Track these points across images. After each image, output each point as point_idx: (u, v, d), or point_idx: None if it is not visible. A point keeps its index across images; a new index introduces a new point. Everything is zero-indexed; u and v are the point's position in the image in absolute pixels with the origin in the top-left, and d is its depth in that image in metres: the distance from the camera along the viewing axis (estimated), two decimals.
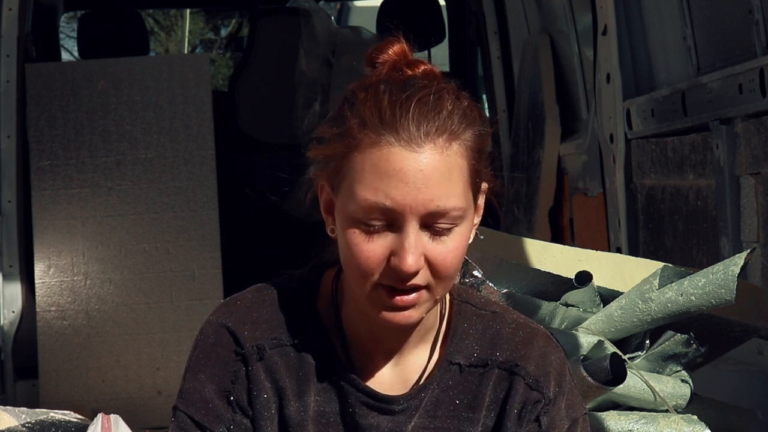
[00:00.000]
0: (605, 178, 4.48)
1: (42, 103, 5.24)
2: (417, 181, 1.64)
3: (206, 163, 5.30)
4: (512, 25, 5.75)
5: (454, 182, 1.67)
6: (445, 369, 1.79)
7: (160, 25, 17.94)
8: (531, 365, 1.78)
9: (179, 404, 1.79)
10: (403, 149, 1.65)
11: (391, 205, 1.65)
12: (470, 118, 1.71)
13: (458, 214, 1.67)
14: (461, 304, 1.83)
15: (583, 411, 1.83)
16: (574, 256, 2.73)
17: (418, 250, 1.66)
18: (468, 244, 1.73)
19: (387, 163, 1.65)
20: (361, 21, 7.92)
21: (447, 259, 1.68)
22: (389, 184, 1.65)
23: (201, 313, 5.22)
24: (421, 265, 1.66)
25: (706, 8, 3.76)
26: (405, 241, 1.65)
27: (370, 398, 1.76)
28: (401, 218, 1.65)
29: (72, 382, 5.15)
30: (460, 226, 1.69)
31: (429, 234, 1.67)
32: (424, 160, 1.65)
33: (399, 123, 1.66)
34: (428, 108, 1.67)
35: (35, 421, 2.52)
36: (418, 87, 1.70)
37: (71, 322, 5.19)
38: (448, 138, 1.67)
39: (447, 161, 1.66)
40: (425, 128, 1.66)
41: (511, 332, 1.81)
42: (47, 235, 5.21)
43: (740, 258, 2.47)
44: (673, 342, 2.53)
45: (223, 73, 15.88)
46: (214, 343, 1.78)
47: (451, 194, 1.66)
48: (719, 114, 3.48)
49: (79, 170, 5.24)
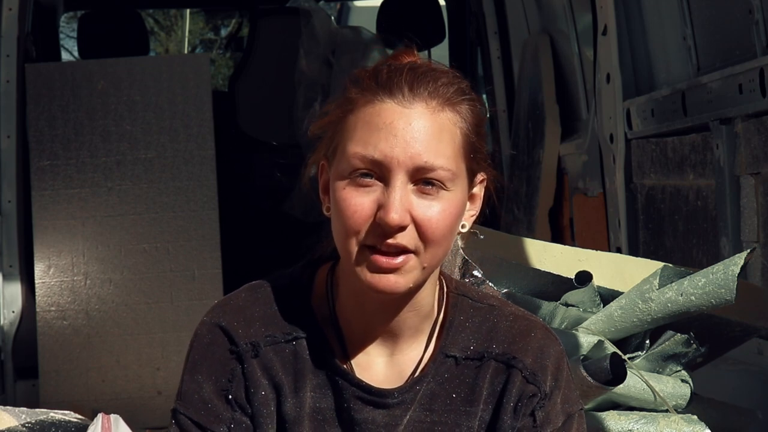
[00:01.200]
0: (605, 178, 4.48)
1: (42, 103, 5.24)
2: (406, 135, 1.69)
3: (206, 163, 5.30)
4: (512, 25, 5.75)
5: (444, 144, 1.70)
6: (440, 362, 1.79)
7: (160, 25, 17.94)
8: (528, 358, 1.78)
9: (179, 407, 1.79)
10: (394, 105, 1.70)
11: (379, 157, 1.68)
12: (468, 96, 1.75)
13: (446, 175, 1.69)
14: (458, 296, 1.83)
15: (579, 406, 1.83)
16: (574, 256, 2.73)
17: (404, 206, 1.68)
18: (457, 222, 1.74)
19: (378, 118, 1.70)
20: (361, 21, 7.92)
21: (432, 220, 1.69)
22: (378, 137, 1.69)
23: (201, 313, 5.17)
24: (406, 220, 1.68)
25: (706, 8, 3.76)
26: (391, 195, 1.68)
27: (364, 392, 1.77)
28: (388, 172, 1.68)
29: (72, 382, 5.15)
30: (450, 192, 1.71)
31: (417, 192, 1.69)
32: (415, 116, 1.70)
33: (393, 83, 1.72)
34: (422, 74, 1.73)
35: (35, 421, 2.51)
36: (416, 63, 1.78)
37: (71, 322, 5.19)
38: (441, 102, 1.72)
39: (438, 122, 1.71)
40: (417, 90, 1.71)
41: (508, 325, 1.81)
42: (47, 235, 5.21)
43: (740, 258, 2.47)
44: (673, 342, 2.53)
45: (223, 73, 15.88)
46: (209, 343, 1.79)
47: (439, 153, 1.69)
48: (719, 114, 3.48)
49: (79, 170, 5.24)
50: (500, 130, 5.83)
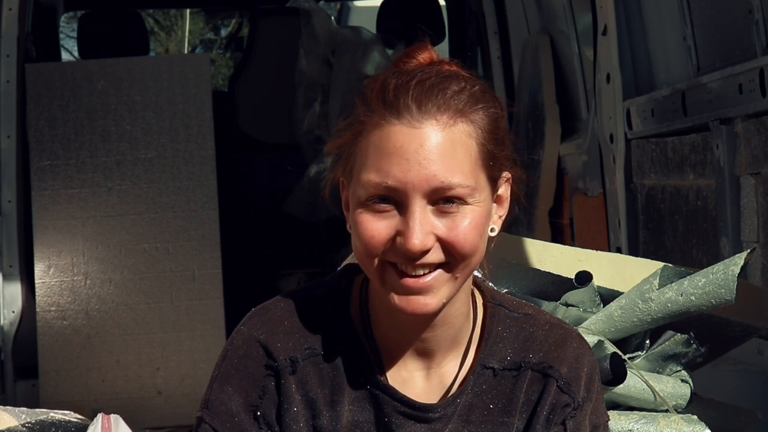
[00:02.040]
0: (605, 178, 4.48)
1: (42, 103, 5.24)
2: (418, 157, 1.64)
3: (206, 163, 5.30)
4: (512, 25, 5.75)
5: (459, 159, 1.65)
6: (479, 374, 1.77)
7: (160, 25, 17.95)
8: (564, 367, 1.77)
9: (204, 416, 1.75)
10: (403, 127, 1.65)
11: (393, 184, 1.64)
12: (483, 101, 1.70)
13: (465, 191, 1.65)
14: (495, 307, 1.81)
15: (606, 418, 1.83)
16: (574, 256, 2.72)
17: (425, 229, 1.64)
18: (485, 230, 1.71)
19: (387, 142, 1.65)
20: (361, 21, 7.92)
21: (459, 236, 1.66)
22: (390, 163, 1.64)
23: (201, 313, 5.23)
24: (428, 244, 1.65)
25: (706, 8, 3.76)
26: (410, 220, 1.64)
27: (407, 407, 1.74)
28: (405, 197, 1.64)
29: (72, 382, 5.15)
30: (472, 206, 1.67)
31: (437, 213, 1.66)
32: (425, 136, 1.64)
33: (400, 103, 1.66)
34: (430, 87, 1.67)
35: (35, 421, 2.51)
36: (425, 71, 1.70)
37: (71, 322, 5.19)
38: (452, 116, 1.66)
39: (450, 138, 1.65)
40: (426, 106, 1.65)
41: (544, 334, 1.79)
42: (47, 235, 5.21)
43: (740, 258, 2.47)
44: (673, 342, 2.53)
45: (223, 73, 15.88)
46: (244, 356, 1.75)
47: (455, 170, 1.65)
48: (719, 114, 3.48)
49: (79, 170, 5.24)
50: None
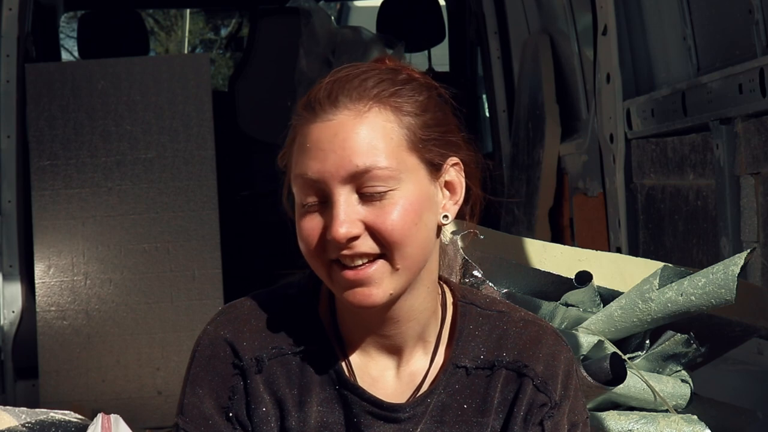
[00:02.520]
0: (605, 178, 4.48)
1: (42, 103, 5.24)
2: (333, 146, 1.66)
3: (206, 163, 5.30)
4: (512, 25, 5.75)
5: (377, 142, 1.66)
6: (451, 373, 1.75)
7: (160, 25, 17.95)
8: (540, 366, 1.75)
9: (180, 421, 1.75)
10: (319, 122, 1.68)
11: (313, 175, 1.66)
12: (408, 89, 1.71)
13: (385, 173, 1.65)
14: (466, 305, 1.79)
15: (585, 415, 1.80)
16: (574, 256, 2.72)
17: (349, 217, 1.65)
18: (422, 216, 1.68)
19: (306, 139, 1.68)
20: (361, 21, 7.92)
21: (386, 222, 1.65)
22: (308, 157, 1.67)
23: (201, 313, 5.23)
24: (354, 231, 1.65)
25: (706, 8, 3.76)
26: (333, 209, 1.65)
27: (375, 407, 1.73)
28: (328, 188, 1.66)
29: (72, 382, 5.15)
30: (400, 190, 1.66)
31: (364, 201, 1.66)
32: (339, 125, 1.67)
33: (315, 101, 1.69)
34: (344, 81, 1.69)
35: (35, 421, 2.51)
36: (347, 67, 1.73)
37: (71, 322, 5.19)
38: (367, 103, 1.67)
39: (366, 124, 1.67)
40: (338, 99, 1.68)
41: (518, 332, 1.77)
42: (47, 235, 5.21)
43: (740, 258, 2.47)
44: (673, 342, 2.53)
45: (223, 73, 15.89)
46: (211, 356, 1.75)
47: (371, 153, 1.65)
48: (719, 114, 3.48)
49: (79, 170, 5.24)
50: (500, 130, 5.83)
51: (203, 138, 5.31)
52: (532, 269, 2.67)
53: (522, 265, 2.67)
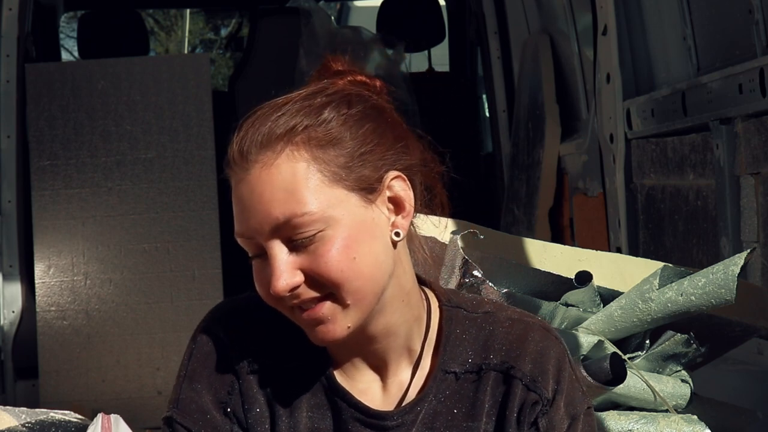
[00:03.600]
0: (605, 178, 4.48)
1: (42, 103, 5.24)
2: (252, 202, 1.62)
3: (206, 163, 5.30)
4: (512, 25, 5.75)
5: (293, 188, 1.61)
6: (440, 379, 1.73)
7: (160, 25, 17.95)
8: (527, 364, 1.72)
9: (175, 415, 1.73)
10: (237, 181, 1.66)
11: (243, 231, 1.65)
12: (328, 110, 1.65)
13: (308, 219, 1.61)
14: (452, 309, 1.76)
15: (585, 405, 1.76)
16: (574, 256, 2.72)
17: (285, 270, 1.62)
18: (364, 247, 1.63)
19: (233, 194, 1.66)
20: (361, 21, 7.92)
21: (321, 265, 1.61)
22: (237, 213, 1.66)
23: (201, 313, 5.18)
24: (293, 281, 1.62)
25: (706, 8, 3.76)
26: (270, 265, 1.63)
27: (362, 414, 1.71)
28: (259, 242, 1.64)
29: (72, 382, 5.15)
30: (330, 228, 1.61)
31: (295, 248, 1.63)
32: (254, 180, 1.63)
33: (231, 158, 1.67)
34: (251, 127, 1.67)
35: (35, 421, 2.51)
36: (256, 111, 1.71)
37: (71, 322, 5.19)
38: (276, 148, 1.63)
39: (277, 173, 1.62)
40: (248, 151, 1.64)
41: (504, 332, 1.74)
42: (47, 235, 5.21)
43: (740, 258, 2.47)
44: (673, 342, 2.53)
45: (223, 73, 15.89)
46: (209, 352, 1.74)
47: (289, 202, 1.61)
48: (719, 114, 3.48)
49: (79, 170, 5.24)
50: (500, 130, 5.83)
51: (203, 138, 5.31)
52: (532, 269, 2.67)
53: (522, 265, 2.67)
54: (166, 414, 1.75)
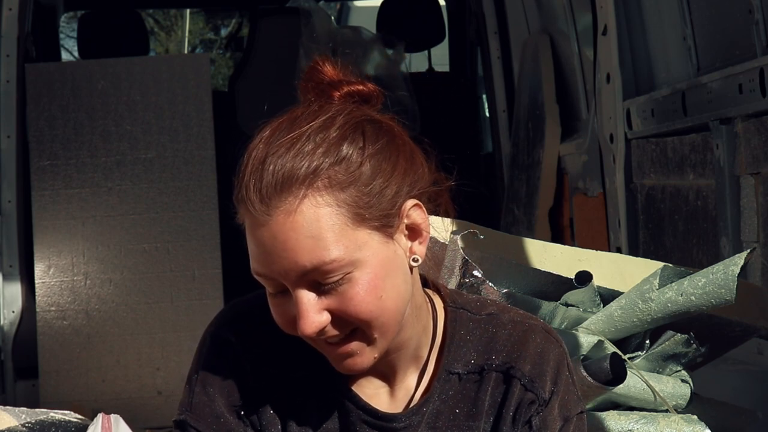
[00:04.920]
0: (605, 178, 4.48)
1: (42, 103, 5.24)
2: (276, 249, 1.59)
3: (206, 163, 5.30)
4: (512, 25, 5.75)
5: (318, 235, 1.58)
6: (444, 380, 1.75)
7: (160, 25, 17.95)
8: (527, 365, 1.73)
9: (189, 419, 1.73)
10: (256, 226, 1.60)
11: (266, 273, 1.62)
12: (334, 152, 1.60)
13: (337, 265, 1.58)
14: (456, 311, 1.78)
15: (578, 409, 1.78)
16: (574, 256, 2.72)
17: (315, 309, 1.60)
18: (389, 282, 1.63)
19: (251, 234, 1.62)
20: (361, 21, 7.92)
21: (350, 308, 1.61)
22: (258, 254, 1.61)
23: (201, 313, 5.23)
24: (321, 322, 1.61)
25: (706, 8, 3.76)
26: (296, 307, 1.61)
27: (370, 416, 1.73)
28: (285, 284, 1.61)
29: (72, 382, 5.15)
30: (357, 270, 1.60)
31: (321, 290, 1.61)
32: (276, 227, 1.58)
33: (246, 198, 1.61)
34: (266, 171, 1.60)
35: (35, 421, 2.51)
36: (264, 146, 1.64)
37: (71, 322, 5.19)
38: (298, 192, 1.58)
39: (301, 220, 1.57)
40: (267, 196, 1.58)
41: (506, 334, 1.76)
42: (47, 235, 5.21)
43: (740, 258, 2.47)
44: (673, 342, 2.53)
45: (223, 73, 15.88)
46: (220, 356, 1.74)
47: (316, 249, 1.58)
48: (719, 114, 3.48)
49: (79, 170, 5.24)
50: (500, 130, 5.83)
51: (203, 138, 5.31)
52: (532, 269, 2.67)
53: (522, 265, 2.67)
54: (179, 417, 1.75)
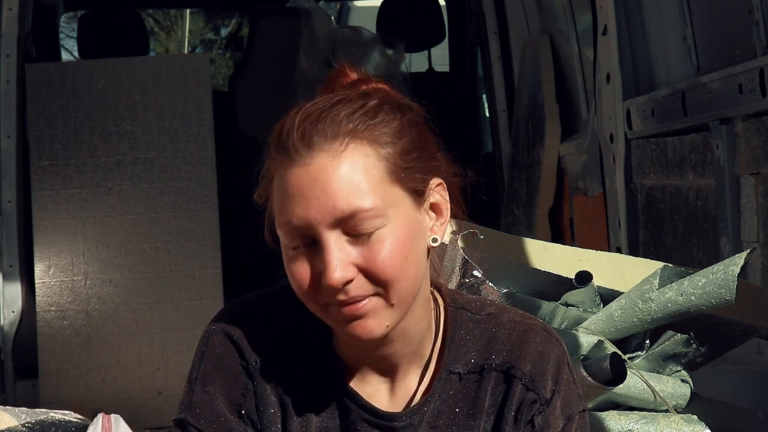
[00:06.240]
0: (605, 178, 4.48)
1: (42, 103, 5.24)
2: (315, 191, 1.60)
3: (206, 163, 5.30)
4: (512, 25, 5.75)
5: (357, 183, 1.61)
6: (445, 380, 1.76)
7: (160, 25, 17.95)
8: (527, 365, 1.74)
9: (188, 418, 1.73)
10: (296, 168, 1.62)
11: (299, 223, 1.62)
12: (381, 114, 1.65)
13: (371, 214, 1.61)
14: (456, 311, 1.79)
15: (581, 407, 1.78)
16: (574, 256, 2.72)
17: (342, 262, 1.61)
18: (413, 247, 1.65)
19: (286, 185, 1.63)
20: (361, 21, 7.93)
21: (378, 262, 1.62)
22: (292, 204, 1.62)
23: (201, 313, 5.23)
24: (348, 275, 1.61)
25: (706, 8, 3.76)
26: (326, 256, 1.61)
27: (371, 415, 1.73)
28: (315, 233, 1.62)
29: (72, 382, 5.15)
30: (388, 226, 1.62)
31: (352, 242, 1.62)
32: (317, 170, 1.61)
33: (289, 144, 1.64)
34: (316, 119, 1.64)
35: (35, 421, 2.52)
36: (316, 102, 1.68)
37: (71, 322, 5.19)
38: (342, 140, 1.62)
39: (344, 164, 1.61)
40: (312, 140, 1.62)
41: (506, 333, 1.76)
42: (47, 235, 5.21)
43: (740, 258, 2.47)
44: (673, 342, 2.53)
45: (223, 73, 15.89)
46: (221, 355, 1.74)
47: (354, 196, 1.60)
48: (719, 114, 3.48)
49: (79, 170, 5.24)
50: (500, 130, 5.83)
51: (203, 138, 5.31)
52: (532, 269, 2.67)
53: (522, 265, 2.67)
54: (179, 416, 1.75)
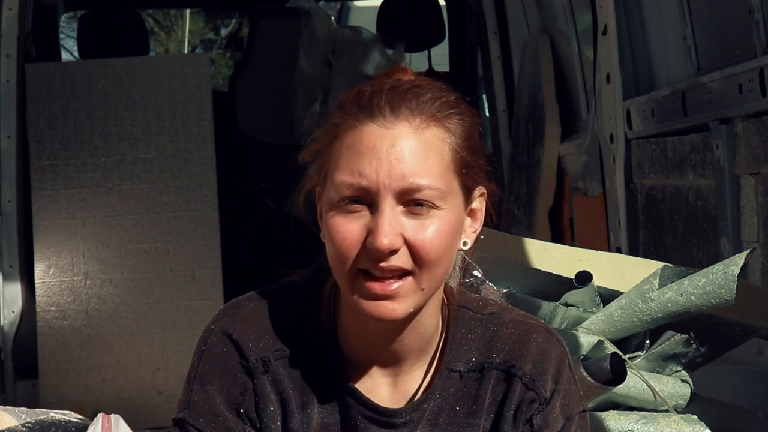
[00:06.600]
0: (605, 178, 4.48)
1: (42, 103, 5.24)
2: (389, 157, 1.64)
3: (206, 163, 5.30)
4: (512, 25, 5.75)
5: (431, 162, 1.66)
6: (446, 377, 1.77)
7: (160, 25, 17.94)
8: (528, 364, 1.76)
9: (187, 417, 1.74)
10: (376, 127, 1.66)
11: (365, 183, 1.64)
12: (457, 110, 1.71)
13: (434, 193, 1.65)
14: (459, 309, 1.80)
15: (581, 408, 1.80)
16: (574, 256, 2.73)
17: (394, 229, 1.64)
18: (454, 240, 1.69)
19: (361, 142, 1.66)
20: (361, 21, 7.92)
21: (426, 241, 1.65)
22: (362, 162, 1.65)
23: (201, 313, 5.23)
24: (397, 243, 1.64)
25: (706, 8, 3.76)
26: (380, 219, 1.64)
27: (371, 411, 1.74)
28: (376, 196, 1.64)
29: (72, 382, 5.15)
30: (441, 211, 1.66)
31: (407, 214, 1.65)
32: (397, 136, 1.65)
33: (374, 105, 1.67)
34: (404, 92, 1.68)
35: (35, 421, 2.52)
36: (400, 80, 1.72)
37: (71, 322, 5.19)
38: (425, 119, 1.67)
39: (423, 140, 1.66)
40: (399, 109, 1.66)
41: (508, 333, 1.78)
42: (47, 235, 5.21)
43: (740, 258, 2.47)
44: (673, 342, 2.53)
45: (223, 73, 15.88)
46: (220, 354, 1.75)
47: (425, 172, 1.65)
48: (719, 114, 3.48)
49: (79, 170, 5.24)
50: (500, 130, 5.83)
51: (203, 138, 5.31)
52: (532, 269, 2.67)
53: (522, 265, 2.67)
54: (177, 415, 1.75)
